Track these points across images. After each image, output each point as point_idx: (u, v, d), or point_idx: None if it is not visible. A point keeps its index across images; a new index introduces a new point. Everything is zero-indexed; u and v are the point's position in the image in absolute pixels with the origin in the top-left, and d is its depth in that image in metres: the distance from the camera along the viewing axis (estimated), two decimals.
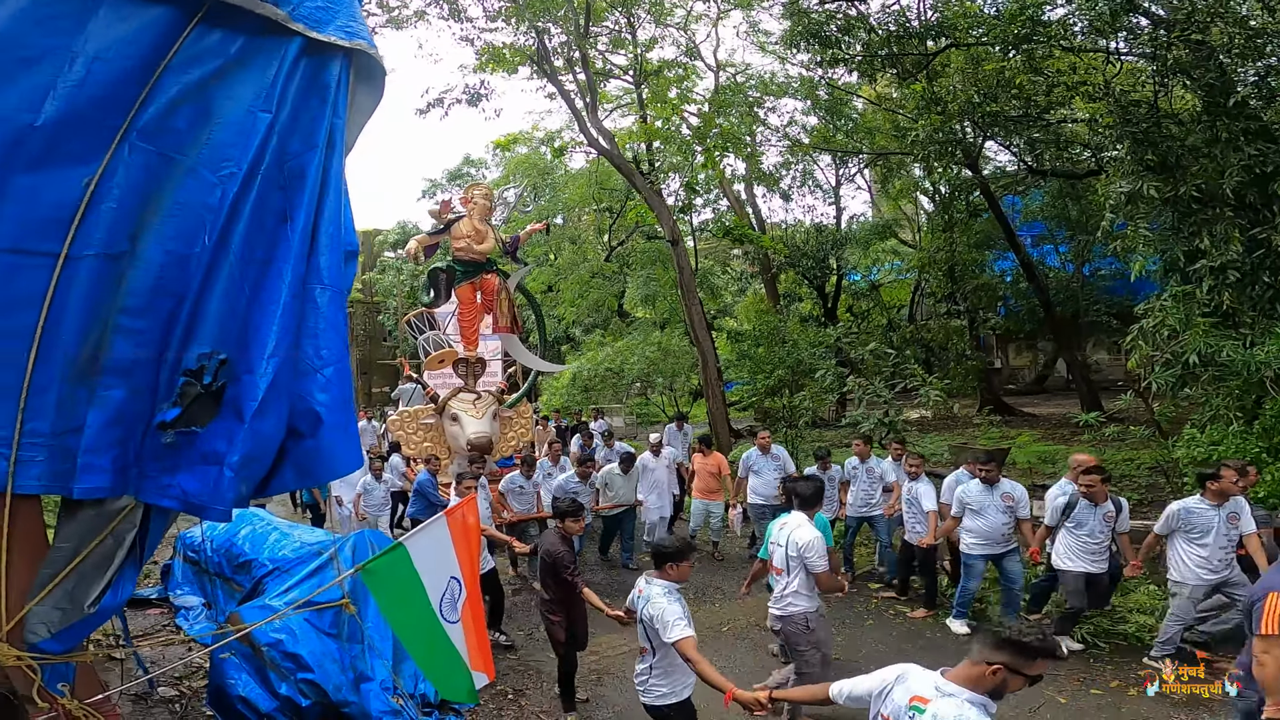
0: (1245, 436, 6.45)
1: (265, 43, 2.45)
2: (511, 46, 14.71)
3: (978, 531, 6.17)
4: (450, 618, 3.16)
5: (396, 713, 5.12)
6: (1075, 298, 14.70)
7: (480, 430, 9.43)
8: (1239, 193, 7.57)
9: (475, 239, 9.63)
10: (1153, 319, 7.57)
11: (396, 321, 25.20)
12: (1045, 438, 10.62)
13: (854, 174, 19.68)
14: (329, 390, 2.40)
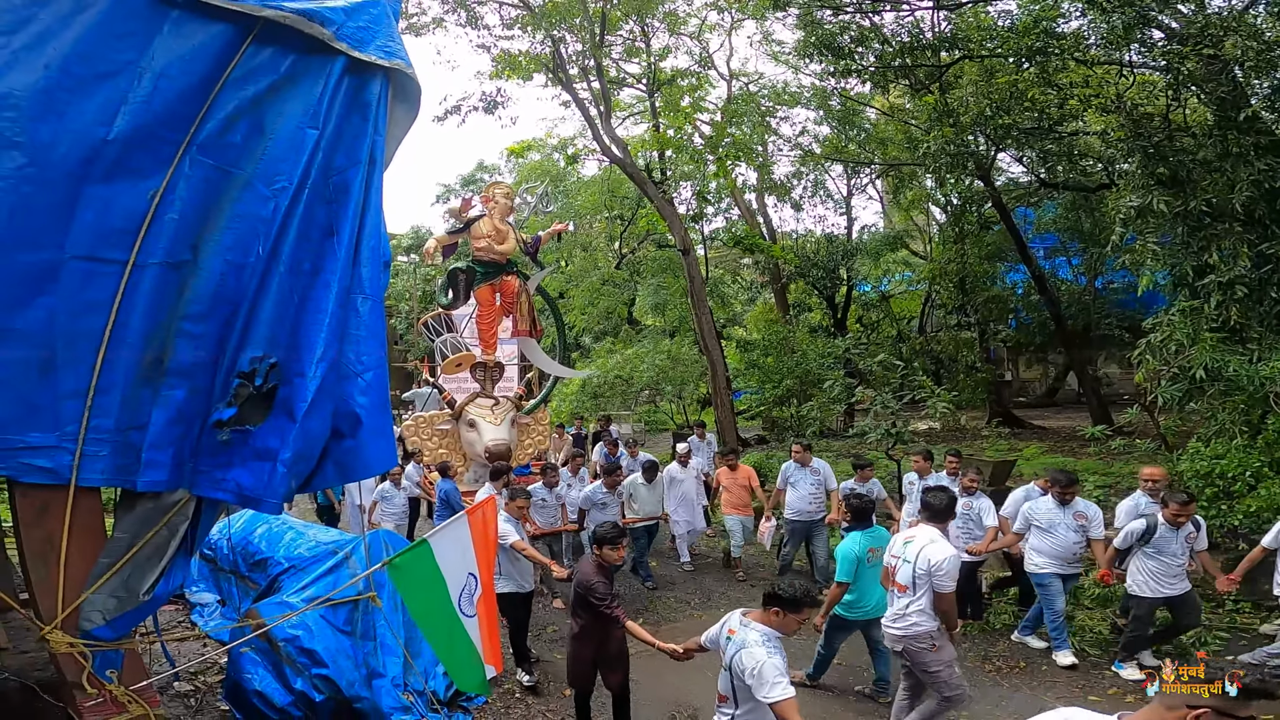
0: (1248, 451, 6.52)
1: (312, 61, 2.58)
2: (527, 54, 14.92)
3: (1047, 551, 5.88)
4: (468, 612, 3.29)
5: (407, 709, 5.25)
6: (1086, 311, 14.75)
7: (498, 438, 9.22)
8: (1248, 208, 7.61)
9: (496, 239, 9.47)
10: (1161, 333, 7.65)
11: (409, 325, 25.38)
12: (1053, 450, 10.67)
13: (865, 185, 19.80)
14: (369, 394, 2.54)
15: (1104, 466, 9.76)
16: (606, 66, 16.82)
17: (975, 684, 5.56)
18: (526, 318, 9.92)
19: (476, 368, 9.99)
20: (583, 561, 4.64)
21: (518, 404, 10.06)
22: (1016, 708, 5.22)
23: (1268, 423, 6.58)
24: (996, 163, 14.95)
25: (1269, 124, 8.35)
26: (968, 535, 6.51)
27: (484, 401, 9.66)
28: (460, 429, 9.70)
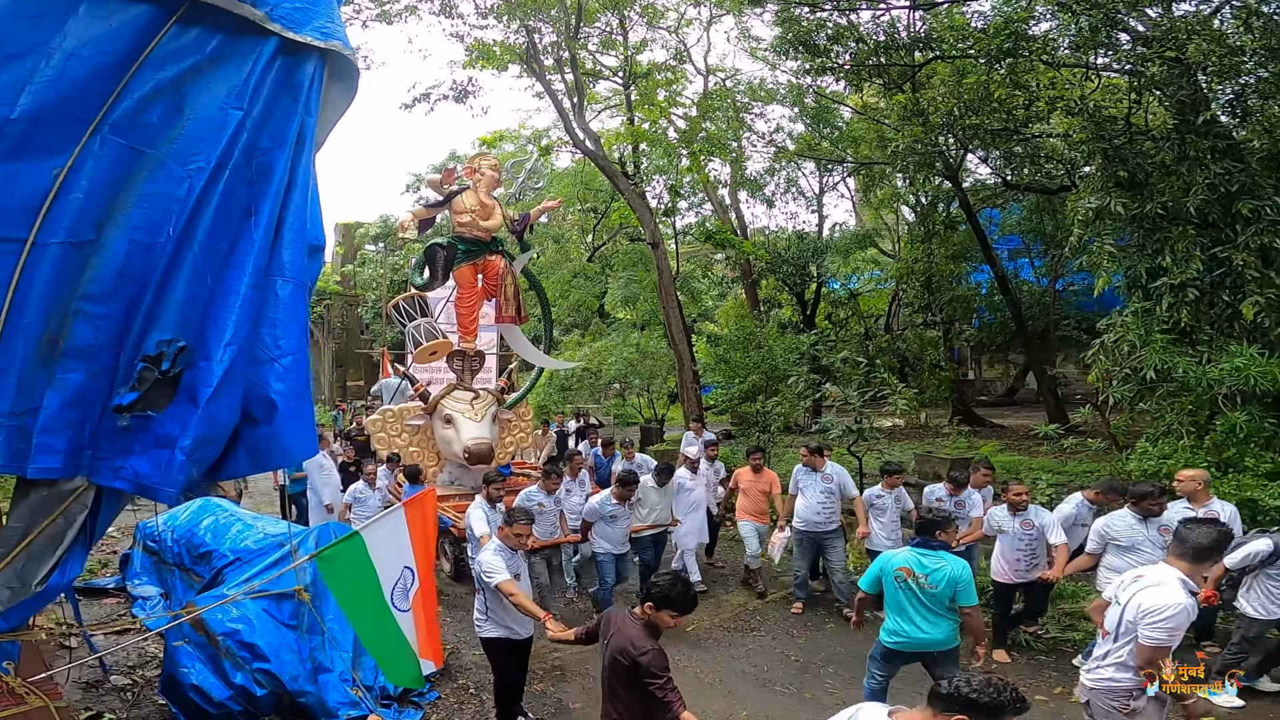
0: (1195, 451, 6.65)
1: (241, 42, 2.52)
2: (502, 44, 14.76)
3: (1125, 571, 4.60)
4: (401, 606, 3.23)
5: (355, 704, 5.18)
6: (1047, 312, 15.02)
7: (479, 435, 8.44)
8: (1202, 211, 7.69)
9: (480, 214, 8.66)
10: (1114, 334, 7.78)
11: (376, 314, 24.99)
12: (1009, 448, 10.85)
13: (837, 183, 19.94)
14: (285, 379, 2.47)
15: (1058, 465, 9.92)
16: (582, 59, 16.73)
17: None
18: (512, 302, 9.10)
19: (454, 356, 9.16)
20: (620, 620, 3.42)
21: (500, 398, 9.29)
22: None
23: (1215, 424, 6.72)
24: (965, 164, 15.14)
25: (1227, 128, 8.45)
26: (1030, 557, 5.96)
27: (462, 395, 8.91)
28: (435, 425, 8.92)
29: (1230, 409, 6.66)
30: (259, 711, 4.71)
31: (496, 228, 8.94)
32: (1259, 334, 7.21)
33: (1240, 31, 8.41)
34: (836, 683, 5.84)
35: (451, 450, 8.70)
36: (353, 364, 26.48)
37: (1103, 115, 9.20)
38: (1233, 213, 7.54)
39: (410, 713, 5.44)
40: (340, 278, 28.25)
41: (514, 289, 9.12)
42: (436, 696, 5.73)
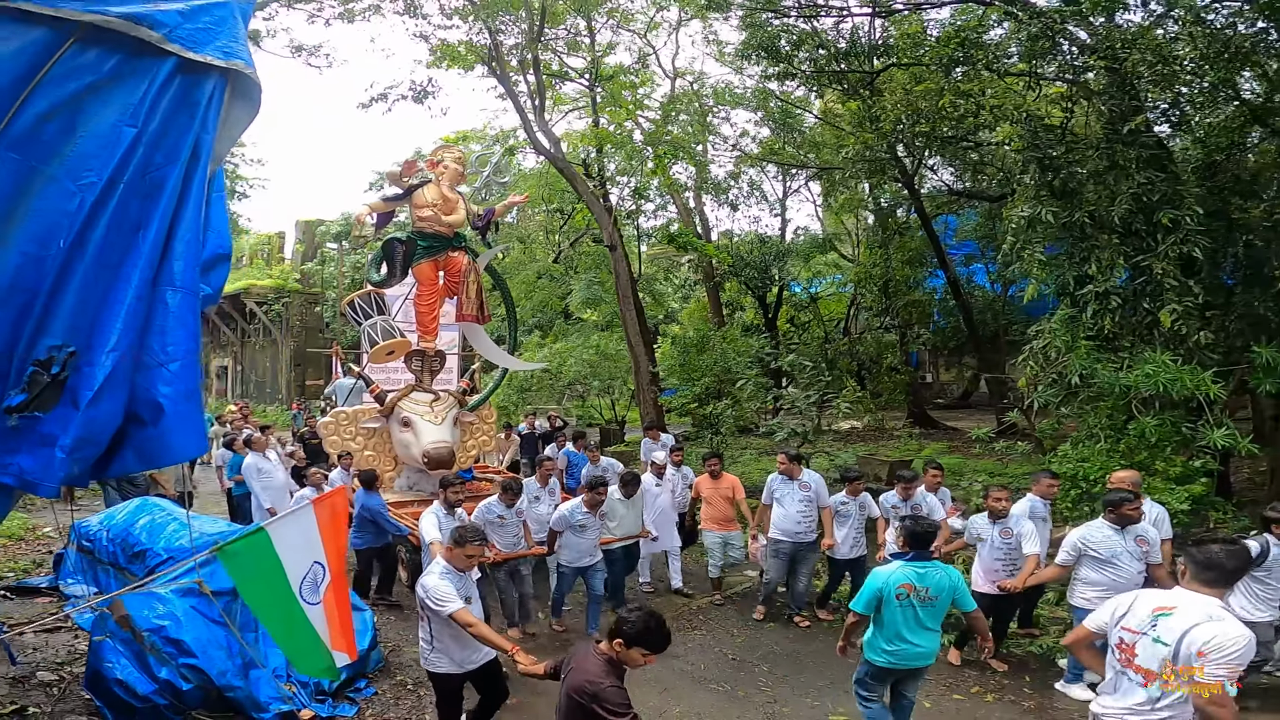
0: (1110, 455, 6.94)
1: (139, 62, 2.63)
2: (468, 44, 14.81)
3: (1105, 584, 5.05)
4: (311, 600, 3.36)
5: (288, 699, 5.29)
6: (998, 316, 15.41)
7: (439, 439, 8.14)
8: (1126, 220, 7.88)
9: (443, 208, 8.33)
10: (1042, 340, 8.06)
11: (335, 313, 24.70)
12: (955, 450, 11.15)
13: (798, 187, 20.26)
14: (173, 383, 2.60)
15: (999, 467, 10.24)
16: (548, 61, 16.84)
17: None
18: (474, 300, 8.75)
19: (413, 356, 8.82)
20: (582, 655, 3.18)
21: (461, 400, 8.95)
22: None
23: (1129, 428, 7.00)
24: (923, 170, 15.49)
25: (1152, 138, 8.61)
26: (1009, 566, 5.78)
27: (421, 396, 8.63)
28: (392, 428, 8.60)
29: (1144, 414, 6.95)
30: (186, 705, 4.81)
31: (460, 223, 8.65)
32: (1177, 341, 7.49)
33: (1182, 40, 8.62)
34: (769, 680, 6.00)
35: (410, 454, 8.39)
36: (311, 363, 26.33)
37: (1040, 124, 9.44)
38: (1154, 222, 7.76)
39: (345, 707, 5.56)
40: (300, 275, 28.03)
41: (477, 287, 8.78)
42: (373, 692, 5.86)
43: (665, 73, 19.89)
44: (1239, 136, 9.22)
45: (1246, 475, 8.75)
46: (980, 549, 5.97)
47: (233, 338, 32.35)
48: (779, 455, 7.27)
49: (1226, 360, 7.54)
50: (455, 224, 8.54)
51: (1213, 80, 8.48)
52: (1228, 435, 6.38)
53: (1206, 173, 9.04)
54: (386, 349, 8.59)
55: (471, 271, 8.72)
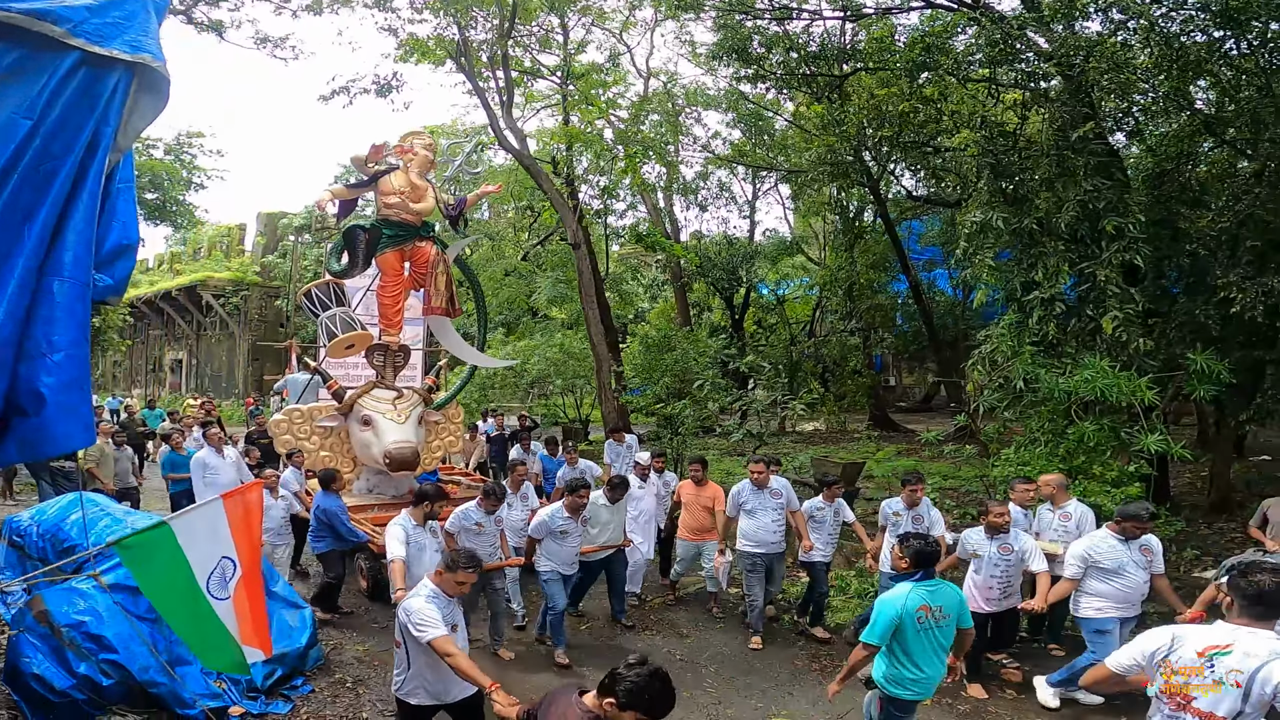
0: (1050, 459, 7.06)
1: (41, 56, 2.60)
2: (439, 39, 14.69)
3: (1112, 595, 5.12)
4: (219, 594, 3.32)
5: (216, 695, 5.22)
6: (958, 321, 15.63)
7: (402, 440, 7.74)
8: (1073, 227, 7.98)
9: (411, 196, 7.97)
10: (990, 345, 8.18)
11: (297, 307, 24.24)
12: (907, 453, 11.29)
13: (766, 190, 20.40)
14: (56, 374, 2.56)
15: (953, 470, 10.39)
16: (520, 57, 16.75)
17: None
18: (443, 293, 8.37)
19: (374, 351, 8.41)
20: (562, 706, 2.77)
21: (426, 397, 8.53)
22: None
23: (1069, 432, 7.13)
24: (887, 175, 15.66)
25: (1100, 146, 8.66)
26: (1006, 585, 5.55)
27: (383, 394, 8.22)
28: (350, 427, 8.17)
29: (1084, 419, 7.08)
30: (106, 701, 4.73)
31: (428, 211, 8.23)
32: (1119, 348, 7.63)
33: (1137, 47, 8.74)
34: (716, 682, 5.99)
35: (370, 455, 7.97)
36: (270, 358, 25.98)
37: (996, 129, 9.54)
38: (1099, 229, 7.90)
39: (278, 704, 5.50)
40: (260, 268, 27.63)
41: (446, 278, 8.39)
42: (310, 690, 5.79)
43: (639, 72, 19.97)
44: (1189, 146, 9.41)
45: (1188, 480, 8.95)
46: (974, 565, 5.62)
47: (188, 330, 31.76)
48: (752, 464, 6.83)
49: (1168, 367, 7.72)
50: (423, 212, 8.17)
51: (1166, 89, 8.65)
52: (1161, 440, 6.52)
53: (1156, 182, 9.23)
54: (346, 342, 8.20)
55: (440, 263, 8.34)
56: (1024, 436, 7.82)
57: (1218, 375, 6.81)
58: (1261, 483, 7.79)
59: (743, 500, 6.69)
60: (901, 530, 5.90)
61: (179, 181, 17.25)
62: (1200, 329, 8.08)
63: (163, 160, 17.12)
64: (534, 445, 10.17)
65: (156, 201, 17.04)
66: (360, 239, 7.91)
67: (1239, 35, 8.16)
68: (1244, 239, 8.26)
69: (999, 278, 8.60)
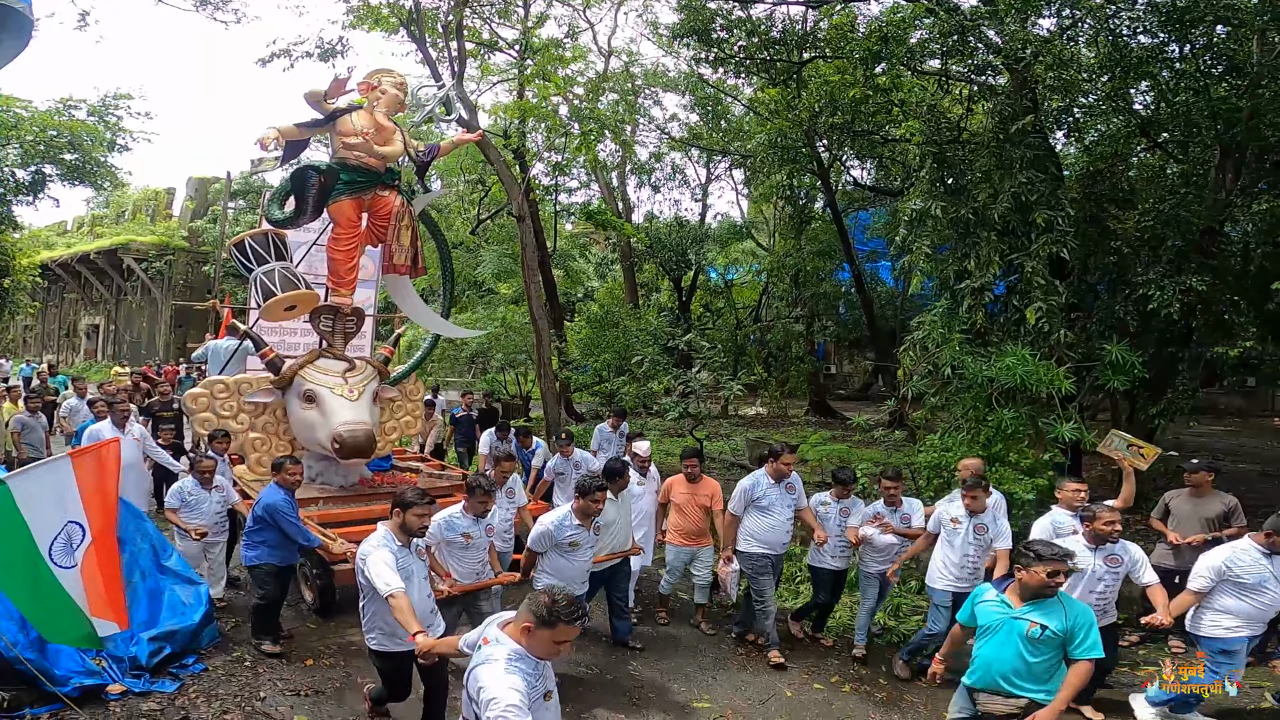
0: (971, 445, 7.17)
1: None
2: (392, 4, 14.11)
3: (1246, 613, 4.66)
4: (63, 563, 3.07)
5: (95, 674, 4.91)
6: (897, 313, 15.87)
7: (355, 421, 6.72)
8: (1005, 218, 8.06)
9: (376, 138, 7.05)
10: (921, 331, 8.27)
11: (227, 272, 23.13)
12: (840, 439, 11.41)
13: (719, 174, 20.36)
14: None
15: (885, 455, 10.50)
16: (477, 28, 16.21)
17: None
18: (407, 249, 7.36)
19: (322, 313, 7.37)
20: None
21: (382, 370, 7.53)
22: None
23: (988, 419, 7.25)
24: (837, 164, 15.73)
25: (1039, 141, 8.80)
26: (1106, 603, 4.95)
27: (330, 365, 7.15)
28: (289, 404, 7.14)
29: (1004, 407, 7.20)
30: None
31: (395, 156, 7.26)
32: (1041, 338, 7.80)
33: (1086, 46, 8.81)
34: (640, 664, 5.84)
35: (314, 438, 6.93)
36: (195, 323, 25.04)
37: (940, 120, 9.61)
38: (1030, 221, 8.02)
39: (165, 683, 5.19)
40: (188, 233, 26.49)
41: (411, 233, 7.38)
42: (203, 669, 5.49)
43: (600, 50, 19.60)
44: (1124, 147, 9.67)
45: (1099, 472, 9.21)
46: (1072, 580, 4.72)
47: (106, 295, 30.44)
48: (777, 455, 5.87)
49: (1087, 360, 7.92)
50: (389, 157, 7.19)
51: (1108, 90, 8.82)
52: (1075, 429, 6.67)
53: (1089, 180, 9.44)
54: (286, 302, 7.03)
55: (405, 215, 7.32)
56: (948, 423, 7.93)
57: (1131, 367, 6.98)
58: (1168, 477, 8.04)
59: (758, 495, 5.84)
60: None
61: (100, 143, 16.36)
62: (1119, 324, 8.33)
63: (85, 121, 16.21)
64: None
65: (76, 162, 16.16)
66: (312, 183, 6.82)
67: (1182, 38, 8.32)
68: (1166, 239, 8.53)
69: (934, 265, 8.68)
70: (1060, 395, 6.92)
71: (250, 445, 7.33)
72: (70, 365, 26.06)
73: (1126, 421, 8.95)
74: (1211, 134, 8.29)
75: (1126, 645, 6.20)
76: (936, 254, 8.76)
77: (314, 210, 7.02)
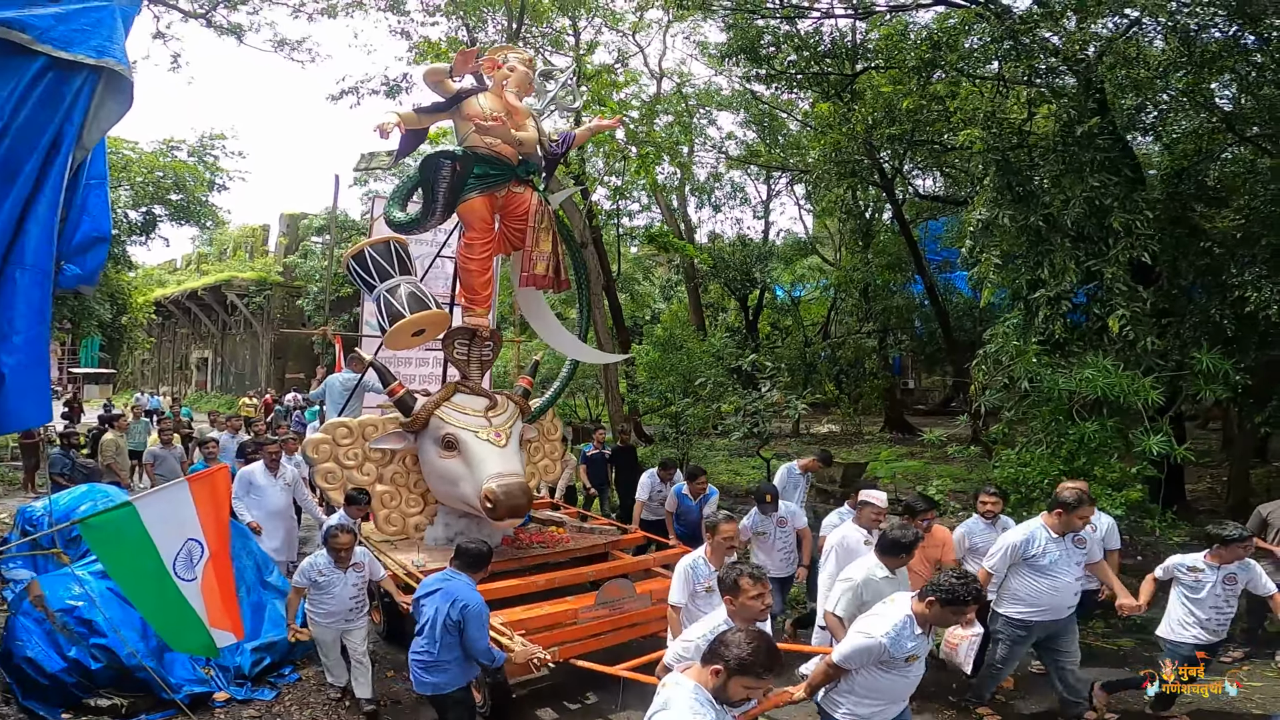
0: (1051, 460, 6.91)
1: (9, 61, 2.76)
2: (453, 39, 14.88)
3: None
4: (185, 576, 3.41)
5: (203, 682, 5.35)
6: (975, 324, 15.36)
7: (508, 473, 5.52)
8: (1079, 224, 7.82)
9: (513, 122, 5.94)
10: (994, 344, 8.04)
11: (319, 306, 24.17)
12: (915, 455, 11.13)
13: (779, 190, 20.32)
14: (16, 354, 2.71)
15: (963, 472, 10.22)
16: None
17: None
18: (548, 257, 6.13)
19: (455, 339, 6.17)
20: None
21: (524, 406, 6.34)
22: None
23: (1070, 433, 6.98)
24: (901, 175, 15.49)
25: (1108, 143, 8.52)
26: (1220, 614, 4.59)
27: (469, 402, 5.95)
28: (425, 450, 5.94)
29: (1087, 420, 6.93)
30: (95, 684, 4.89)
31: (533, 144, 6.09)
32: (1127, 347, 7.47)
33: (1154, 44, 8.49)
34: None
35: (456, 493, 5.77)
36: (292, 355, 26.42)
37: (1002, 126, 9.37)
38: (1106, 226, 7.74)
39: (264, 691, 5.60)
40: (282, 268, 28.07)
41: (554, 239, 6.21)
42: (297, 678, 5.88)
43: (652, 73, 19.97)
44: (1208, 144, 9.21)
45: (1208, 484, 8.70)
46: (1187, 594, 4.69)
47: (213, 329, 32.50)
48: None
49: (1182, 367, 7.52)
50: (528, 143, 6.02)
51: (1183, 85, 8.46)
52: (1163, 441, 6.35)
53: (1173, 180, 9.03)
54: (414, 326, 5.89)
55: (544, 216, 6.15)
56: (1026, 437, 7.67)
57: (1225, 375, 6.60)
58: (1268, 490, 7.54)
59: (1032, 554, 4.55)
60: None
61: (202, 183, 17.63)
62: (1215, 329, 7.86)
63: (186, 162, 17.49)
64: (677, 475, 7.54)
65: (181, 203, 17.42)
66: (444, 173, 5.69)
67: (1255, 31, 7.94)
68: (1261, 237, 8.05)
69: (1005, 276, 8.45)
70: (1149, 406, 6.59)
71: (378, 500, 6.10)
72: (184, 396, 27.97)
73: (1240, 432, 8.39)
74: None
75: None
76: (1008, 263, 8.52)
77: (445, 209, 5.91)
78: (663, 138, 16.64)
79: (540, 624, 4.91)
